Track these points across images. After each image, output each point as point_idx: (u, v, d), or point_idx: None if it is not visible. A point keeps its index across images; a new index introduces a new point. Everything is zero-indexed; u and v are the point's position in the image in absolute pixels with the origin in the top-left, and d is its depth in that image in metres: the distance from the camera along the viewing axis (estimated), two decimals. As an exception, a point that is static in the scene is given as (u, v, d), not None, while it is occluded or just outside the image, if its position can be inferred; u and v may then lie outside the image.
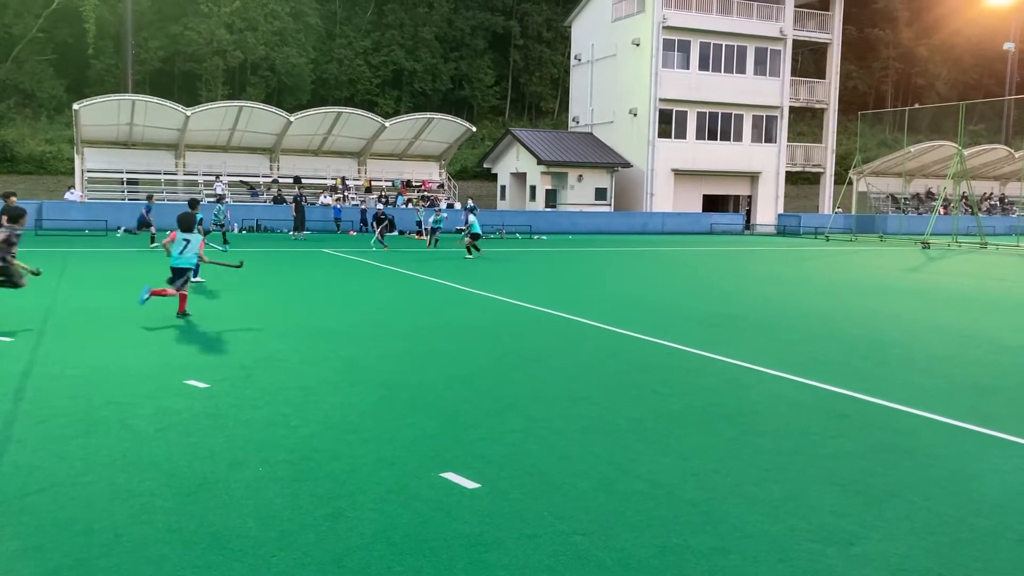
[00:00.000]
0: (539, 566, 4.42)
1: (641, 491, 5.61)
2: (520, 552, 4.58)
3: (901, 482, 5.91)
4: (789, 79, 50.36)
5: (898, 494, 5.67)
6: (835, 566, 4.51)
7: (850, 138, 63.21)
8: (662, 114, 47.31)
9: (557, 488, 5.62)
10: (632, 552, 4.62)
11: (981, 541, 4.90)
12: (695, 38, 47.33)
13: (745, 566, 4.49)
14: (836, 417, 7.69)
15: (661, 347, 11.11)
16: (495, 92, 73.35)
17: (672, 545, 4.74)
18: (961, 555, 4.70)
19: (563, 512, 5.18)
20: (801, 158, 53.07)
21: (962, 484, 5.91)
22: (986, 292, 19.31)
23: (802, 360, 10.36)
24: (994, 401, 8.48)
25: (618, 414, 7.60)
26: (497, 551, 4.59)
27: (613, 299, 16.26)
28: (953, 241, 40.24)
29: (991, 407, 8.18)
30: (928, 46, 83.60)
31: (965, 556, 4.68)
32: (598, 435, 6.91)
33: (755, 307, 15.43)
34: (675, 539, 4.82)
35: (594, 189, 47.04)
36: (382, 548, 4.60)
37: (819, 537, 4.90)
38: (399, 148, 45.54)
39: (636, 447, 6.60)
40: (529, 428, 7.06)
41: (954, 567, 4.53)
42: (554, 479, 5.80)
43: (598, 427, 7.15)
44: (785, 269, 24.70)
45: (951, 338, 12.35)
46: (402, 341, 11.19)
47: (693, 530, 4.96)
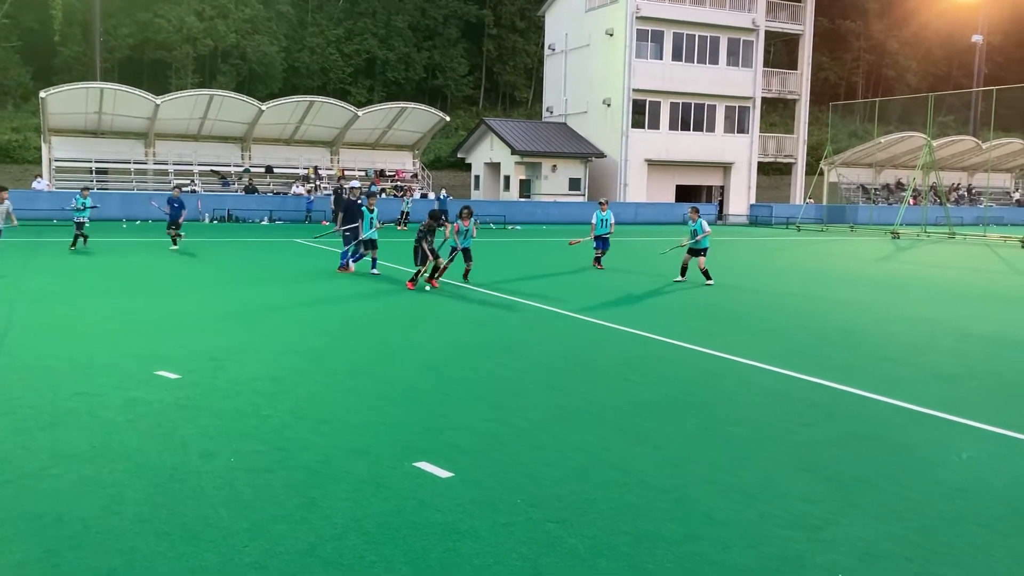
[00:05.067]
0: (512, 554, 4.43)
1: (614, 479, 5.63)
2: (493, 540, 4.59)
3: (870, 469, 5.99)
4: (761, 70, 50.60)
5: (867, 481, 5.74)
6: (804, 551, 4.56)
7: (821, 129, 63.71)
8: (636, 104, 47.38)
9: (530, 476, 5.63)
10: (604, 539, 4.65)
11: (947, 526, 4.98)
12: (668, 28, 47.41)
13: (716, 552, 4.53)
14: (808, 406, 7.76)
15: (635, 336, 11.15)
16: (469, 82, 73.12)
17: (644, 532, 4.77)
18: (927, 539, 4.77)
19: (536, 500, 5.20)
20: (773, 149, 53.41)
21: (930, 470, 5.99)
22: (954, 282, 19.57)
23: (775, 350, 10.45)
24: (961, 389, 8.61)
25: (592, 403, 7.63)
26: (470, 539, 4.60)
27: (586, 288, 16.29)
28: (922, 231, 40.72)
29: (958, 395, 8.31)
30: (898, 38, 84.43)
31: (931, 540, 4.76)
32: (572, 424, 6.93)
33: (728, 297, 15.53)
34: (647, 526, 4.85)
35: (568, 179, 47.05)
36: (355, 538, 4.59)
37: (789, 523, 4.96)
38: (372, 138, 45.27)
39: (609, 436, 6.63)
40: (502, 417, 7.07)
41: (920, 551, 4.60)
42: (527, 468, 5.81)
43: (572, 416, 7.17)
44: (757, 259, 24.88)
45: (920, 327, 12.51)
46: (374, 331, 11.15)
47: (665, 517, 5.00)
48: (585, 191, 47.53)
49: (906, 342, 11.26)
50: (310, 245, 25.51)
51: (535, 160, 46.45)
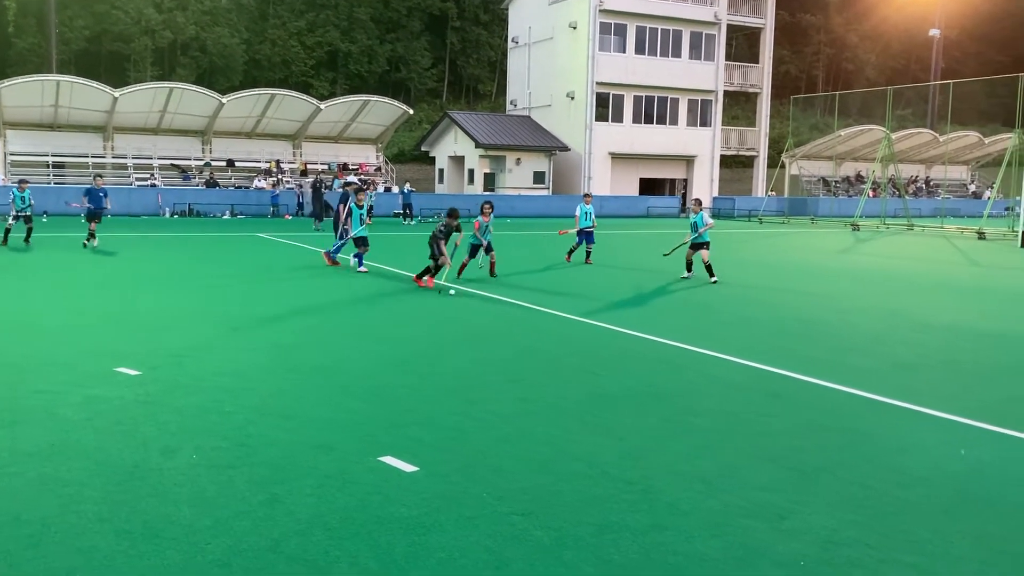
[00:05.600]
0: (478, 547, 4.44)
1: (578, 471, 5.66)
2: (459, 534, 4.59)
3: (831, 458, 6.07)
4: (723, 63, 50.97)
5: (828, 470, 5.82)
6: (766, 540, 4.62)
7: (783, 122, 64.39)
8: (599, 98, 47.51)
9: (495, 470, 5.64)
10: (570, 531, 4.67)
11: (906, 513, 5.07)
12: (631, 22, 47.57)
13: (679, 542, 4.57)
14: (769, 396, 7.85)
15: (599, 329, 11.20)
16: (432, 74, 72.87)
17: (609, 523, 4.80)
18: (887, 527, 4.85)
19: (501, 493, 5.21)
20: (735, 142, 53.88)
21: (890, 459, 6.09)
22: (912, 272, 19.90)
23: (737, 341, 10.56)
24: (920, 378, 8.76)
25: (556, 396, 7.66)
26: (436, 533, 4.59)
27: (552, 281, 16.33)
28: (881, 223, 41.33)
29: (917, 384, 8.45)
30: (858, 32, 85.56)
31: (891, 528, 4.84)
32: (536, 417, 6.95)
33: (692, 289, 15.66)
34: (612, 517, 4.88)
35: (532, 173, 47.09)
36: (319, 533, 4.57)
37: (751, 512, 5.01)
38: (335, 131, 44.94)
39: (574, 428, 6.66)
40: (467, 411, 7.07)
41: (880, 538, 4.68)
42: (492, 461, 5.82)
43: (536, 409, 7.19)
44: (720, 252, 25.06)
45: (880, 317, 12.70)
46: (340, 326, 11.09)
47: (630, 508, 5.03)
48: (549, 184, 47.61)
49: (866, 332, 11.43)
50: (274, 240, 25.28)
51: (499, 153, 46.42)
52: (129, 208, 35.04)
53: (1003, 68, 70.99)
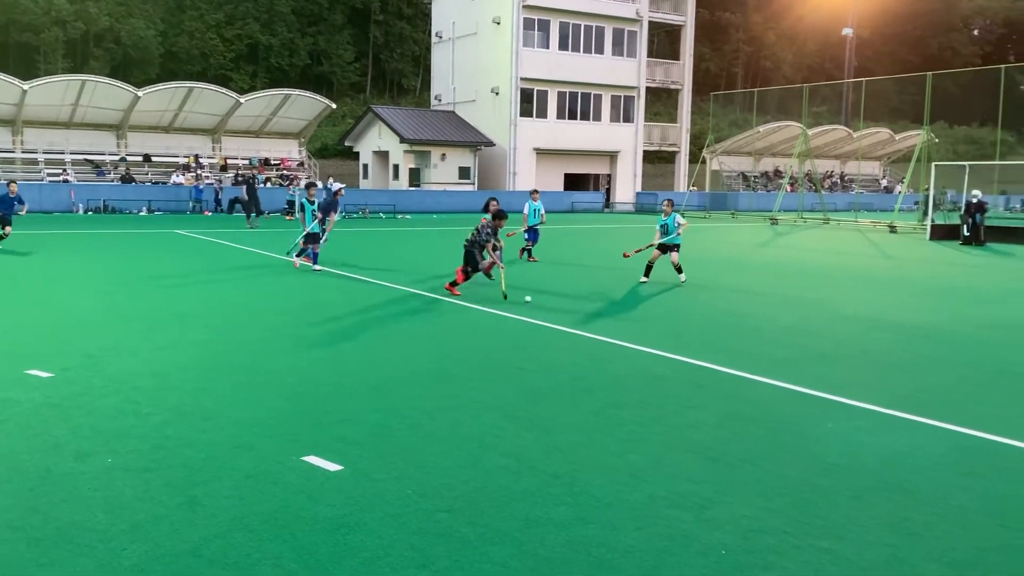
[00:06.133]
0: (403, 544, 4.40)
1: (505, 466, 5.67)
2: (384, 532, 4.55)
3: (752, 448, 6.21)
4: (645, 60, 51.68)
5: (750, 460, 5.94)
6: (689, 530, 4.70)
7: (703, 118, 65.60)
8: (523, 93, 47.68)
9: (421, 467, 5.60)
10: (495, 526, 4.67)
11: (823, 500, 5.21)
12: (555, 18, 47.84)
13: (604, 534, 4.61)
14: (693, 388, 7.99)
15: (526, 324, 11.24)
16: (355, 68, 72.05)
17: (535, 517, 4.81)
18: (805, 514, 4.98)
19: (427, 490, 5.18)
20: (658, 138, 54.72)
21: (808, 447, 6.25)
22: (829, 265, 20.50)
23: (662, 334, 10.71)
24: (836, 368, 9.02)
25: (483, 392, 7.65)
26: (360, 532, 4.54)
27: (479, 278, 16.31)
28: (799, 217, 42.48)
29: (834, 374, 8.70)
30: (775, 31, 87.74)
31: (808, 514, 4.97)
32: (463, 413, 6.93)
33: (617, 284, 15.83)
34: (538, 511, 4.90)
35: (458, 168, 47.02)
36: (240, 536, 4.47)
37: (675, 503, 5.09)
38: (256, 125, 44.07)
39: (501, 424, 6.66)
40: (394, 408, 7.01)
41: (798, 525, 4.80)
42: (418, 458, 5.78)
43: (463, 405, 7.17)
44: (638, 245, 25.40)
45: (798, 309, 13.05)
46: (261, 324, 10.87)
47: (555, 502, 5.06)
48: (475, 180, 47.61)
49: (785, 324, 11.72)
50: (195, 237, 24.66)
51: (424, 149, 46.20)
52: (40, 205, 33.74)
53: (913, 67, 73.71)
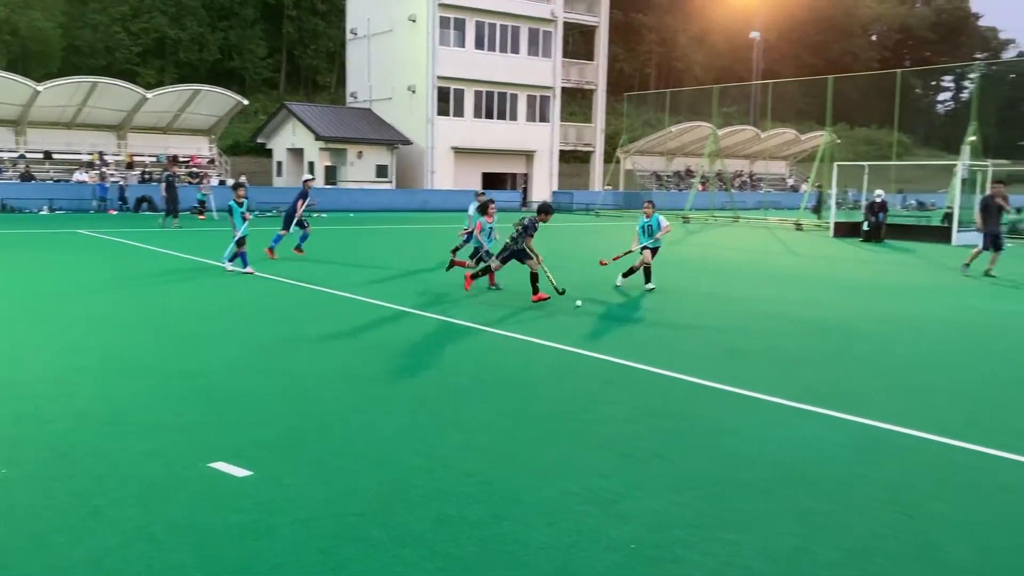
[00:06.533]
0: (313, 550, 4.32)
1: (419, 466, 5.63)
2: (294, 537, 4.46)
3: (663, 442, 6.31)
4: (561, 60, 52.09)
5: (660, 454, 6.04)
6: (599, 525, 4.74)
7: (618, 118, 66.46)
8: (440, 92, 47.50)
9: (334, 470, 5.52)
10: (408, 527, 4.63)
11: (733, 493, 5.32)
12: (471, 17, 47.80)
13: (517, 531, 4.62)
14: (606, 384, 8.08)
15: (444, 324, 11.19)
16: (268, 64, 70.62)
17: (448, 517, 4.79)
18: (714, 507, 5.08)
19: (339, 494, 5.10)
20: (573, 137, 55.22)
21: (717, 441, 6.38)
22: (739, 262, 21.02)
23: (576, 331, 10.80)
24: (745, 363, 9.24)
25: (399, 392, 7.59)
26: (269, 538, 4.44)
27: (397, 277, 16.19)
28: (710, 216, 43.43)
29: (742, 368, 8.91)
30: (687, 33, 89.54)
31: (718, 507, 5.07)
32: (378, 414, 6.86)
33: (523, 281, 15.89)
34: (451, 511, 4.88)
35: (375, 166, 46.56)
36: (143, 545, 4.32)
37: (586, 498, 5.13)
38: (163, 121, 42.76)
39: (416, 423, 6.61)
40: (306, 411, 6.89)
41: (707, 518, 4.90)
42: (331, 461, 5.70)
43: (378, 406, 7.10)
44: (560, 245, 25.64)
45: (709, 306, 13.33)
46: (170, 326, 10.55)
47: (469, 500, 5.05)
48: (393, 178, 47.23)
49: (696, 320, 11.96)
50: (98, 237, 23.79)
51: (340, 146, 45.61)
52: (-71, 203, 32.09)
53: (816, 70, 76.11)
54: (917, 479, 5.62)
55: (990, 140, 45.03)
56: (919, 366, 9.22)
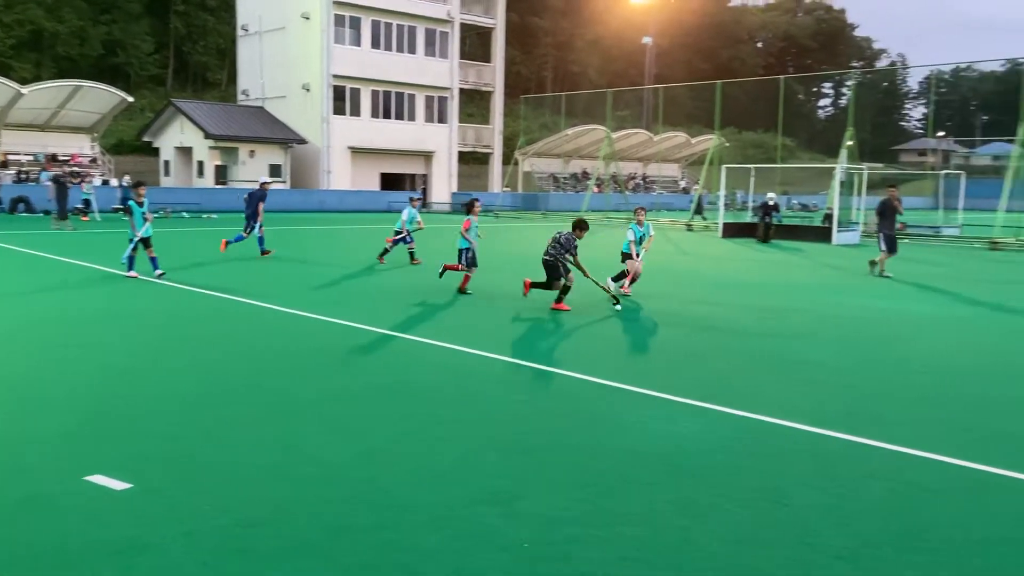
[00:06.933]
0: (196, 563, 4.18)
1: (311, 474, 5.52)
2: (175, 551, 4.31)
3: (558, 441, 6.37)
4: (458, 61, 52.12)
5: (555, 452, 6.10)
6: (494, 526, 4.76)
7: (515, 120, 66.97)
8: (336, 91, 46.86)
9: (221, 480, 5.37)
10: (299, 537, 4.53)
11: (625, 488, 5.42)
12: (366, 15, 47.32)
13: (410, 538, 4.59)
14: (502, 384, 8.13)
15: (338, 326, 11.03)
16: (155, 60, 68.23)
17: (341, 525, 4.72)
18: (604, 502, 5.16)
19: (226, 504, 4.95)
20: (472, 139, 55.33)
21: (610, 438, 6.49)
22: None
23: (472, 333, 10.81)
24: (637, 361, 9.45)
25: (292, 397, 7.44)
26: (149, 554, 4.28)
27: (285, 279, 15.88)
28: (605, 217, 44.17)
29: (633, 366, 9.12)
30: (582, 37, 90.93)
31: (608, 503, 5.15)
32: (269, 420, 6.70)
33: (430, 283, 15.84)
34: (346, 518, 4.81)
35: (268, 166, 45.53)
36: (13, 567, 4.10)
37: (482, 499, 5.14)
38: (41, 119, 40.75)
39: (309, 430, 6.49)
40: (192, 420, 6.67)
41: (597, 514, 4.98)
42: (218, 471, 5.53)
43: (270, 412, 6.94)
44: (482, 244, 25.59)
45: (601, 305, 13.54)
46: (47, 333, 10.06)
47: (365, 507, 4.98)
48: (287, 178, 46.32)
49: (591, 319, 12.14)
50: (-34, 239, 22.48)
51: (231, 145, 44.46)
52: None
53: (706, 75, 78.45)
54: (794, 469, 5.85)
55: (866, 144, 47.37)
56: (803, 361, 9.59)
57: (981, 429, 6.95)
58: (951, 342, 10.97)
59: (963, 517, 5.08)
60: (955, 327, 12.17)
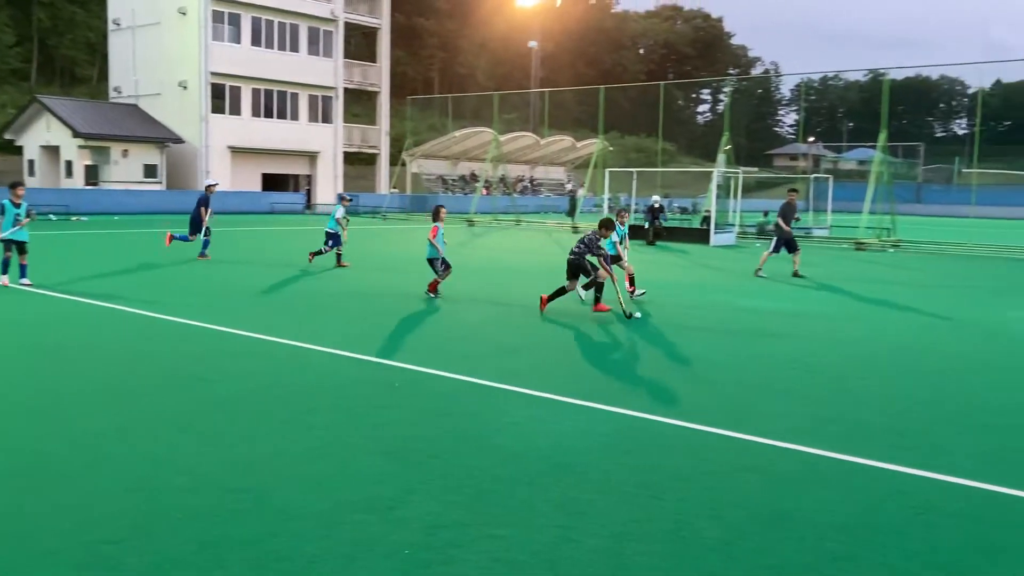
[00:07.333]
0: (57, 585, 3.99)
1: (182, 485, 5.33)
2: (35, 572, 4.08)
3: (439, 444, 6.36)
4: (342, 61, 51.41)
5: (436, 455, 6.08)
6: (375, 533, 4.70)
7: (403, 121, 66.58)
8: (215, 88, 45.47)
9: (84, 495, 5.11)
10: (169, 552, 4.36)
11: (501, 489, 5.45)
12: (246, 12, 46.13)
13: (289, 547, 4.48)
14: (384, 388, 8.04)
15: (209, 331, 10.69)
16: (17, 54, 64.56)
17: (214, 538, 4.57)
18: (484, 504, 5.18)
19: (90, 520, 4.72)
20: (358, 139, 54.64)
21: (491, 439, 6.52)
22: (519, 264, 21.63)
23: (354, 336, 10.67)
24: (519, 360, 9.51)
25: (161, 406, 7.16)
26: None
27: (154, 283, 15.31)
28: (494, 219, 44.41)
29: (516, 365, 9.17)
30: (469, 39, 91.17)
31: (488, 504, 5.17)
32: (136, 432, 6.42)
33: (310, 285, 15.57)
34: (218, 531, 4.66)
35: (143, 166, 43.81)
36: None
37: (362, 507, 5.07)
38: None
39: (179, 439, 6.27)
40: (53, 432, 6.34)
41: (477, 516, 4.98)
42: (80, 485, 5.27)
43: (136, 422, 6.66)
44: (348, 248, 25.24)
45: (483, 305, 13.61)
46: None
47: (239, 519, 4.84)
48: (163, 178, 44.65)
49: (473, 320, 12.18)
50: None
51: (102, 144, 42.54)
52: None
53: (590, 80, 79.91)
54: (671, 464, 6.02)
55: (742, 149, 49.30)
56: (684, 358, 9.86)
57: (843, 421, 7.31)
58: (819, 338, 11.50)
59: (827, 503, 5.33)
60: (823, 324, 12.76)
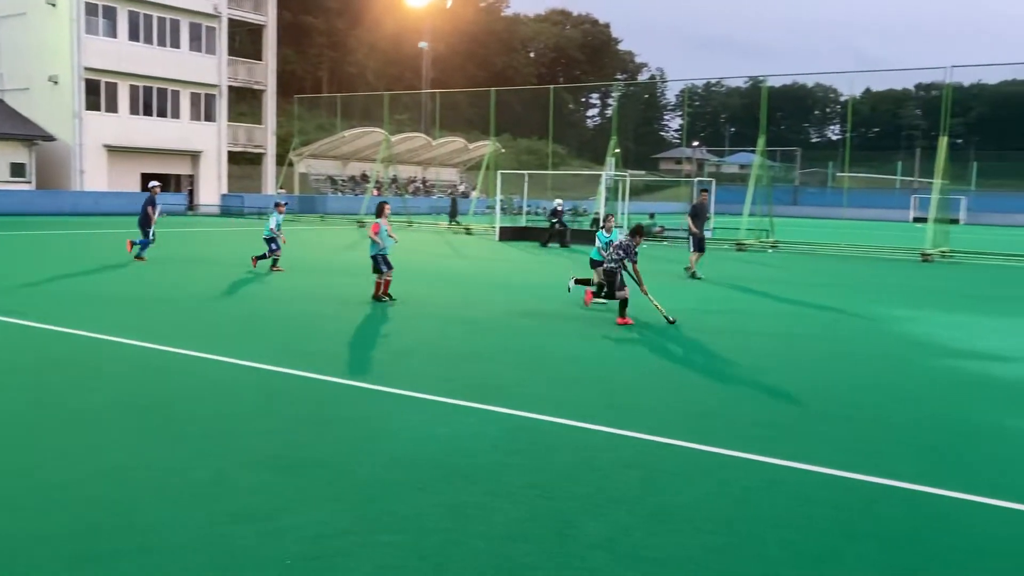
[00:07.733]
0: (-100, 614, 3.69)
1: (37, 504, 5.02)
2: None
3: (325, 450, 6.21)
4: (226, 58, 49.95)
5: (321, 463, 5.93)
6: (254, 544, 4.53)
7: (290, 120, 65.20)
8: (89, 84, 43.45)
9: (-64, 515, 4.77)
10: (31, 573, 4.11)
11: (389, 494, 5.35)
12: (122, 5, 44.26)
13: (163, 562, 4.28)
14: (267, 395, 7.82)
15: (77, 338, 10.18)
16: None
17: (85, 554, 4.32)
18: (372, 511, 5.06)
19: (-59, 543, 4.41)
20: (243, 138, 53.19)
21: (379, 444, 6.41)
22: (410, 265, 21.43)
23: (231, 341, 10.36)
24: (411, 364, 9.39)
25: (23, 418, 6.76)
26: None
27: (17, 289, 14.52)
28: (384, 220, 43.93)
29: (408, 369, 9.05)
30: (358, 38, 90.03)
31: (375, 511, 5.06)
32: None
33: (184, 288, 15.05)
34: (88, 547, 4.41)
35: (9, 164, 41.47)
36: None
37: (240, 518, 4.89)
38: None
39: (35, 453, 5.92)
40: (-97, 449, 5.90)
41: (364, 523, 4.87)
42: (-67, 505, 4.92)
43: None
44: (223, 250, 24.56)
45: (380, 309, 13.43)
46: None
47: (110, 534, 4.59)
48: (32, 178, 42.38)
49: (367, 324, 12.00)
50: None
51: (-35, 142, 40.05)
52: None
53: (482, 82, 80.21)
54: (557, 463, 6.06)
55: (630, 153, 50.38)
56: (571, 358, 9.96)
57: (719, 415, 7.52)
58: (702, 337, 11.82)
59: (704, 497, 5.47)
60: (707, 322, 13.12)
